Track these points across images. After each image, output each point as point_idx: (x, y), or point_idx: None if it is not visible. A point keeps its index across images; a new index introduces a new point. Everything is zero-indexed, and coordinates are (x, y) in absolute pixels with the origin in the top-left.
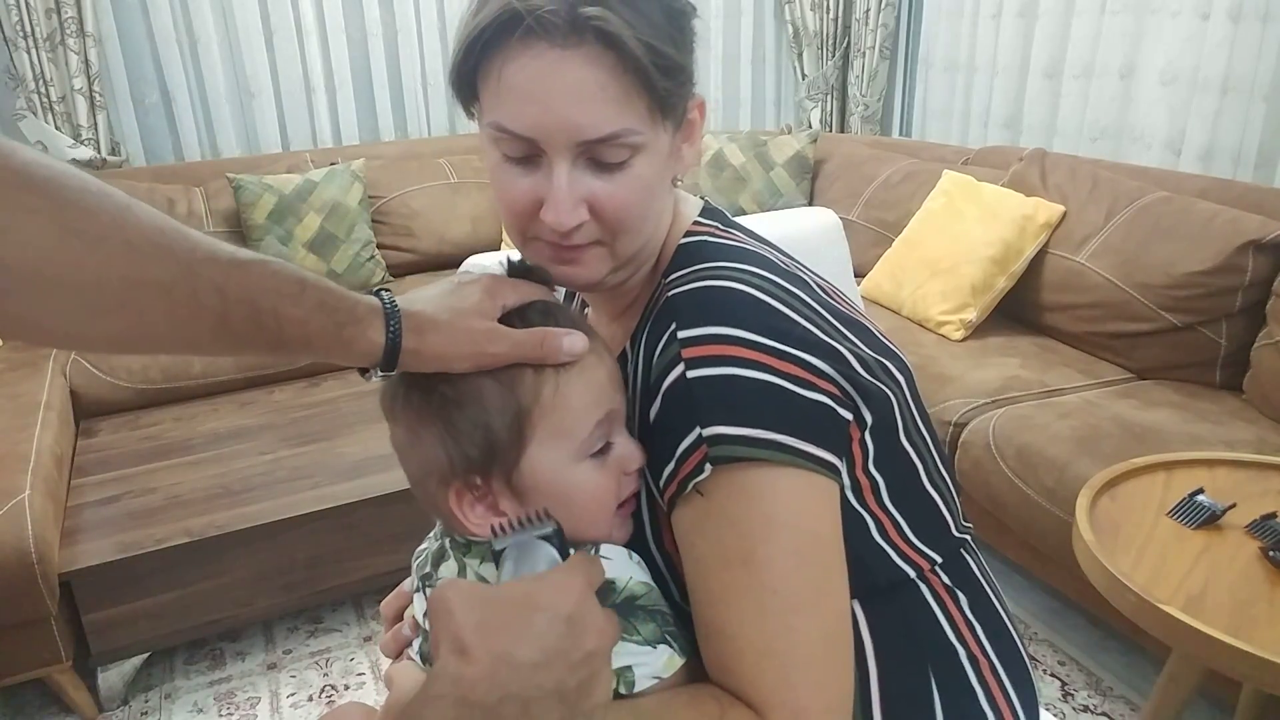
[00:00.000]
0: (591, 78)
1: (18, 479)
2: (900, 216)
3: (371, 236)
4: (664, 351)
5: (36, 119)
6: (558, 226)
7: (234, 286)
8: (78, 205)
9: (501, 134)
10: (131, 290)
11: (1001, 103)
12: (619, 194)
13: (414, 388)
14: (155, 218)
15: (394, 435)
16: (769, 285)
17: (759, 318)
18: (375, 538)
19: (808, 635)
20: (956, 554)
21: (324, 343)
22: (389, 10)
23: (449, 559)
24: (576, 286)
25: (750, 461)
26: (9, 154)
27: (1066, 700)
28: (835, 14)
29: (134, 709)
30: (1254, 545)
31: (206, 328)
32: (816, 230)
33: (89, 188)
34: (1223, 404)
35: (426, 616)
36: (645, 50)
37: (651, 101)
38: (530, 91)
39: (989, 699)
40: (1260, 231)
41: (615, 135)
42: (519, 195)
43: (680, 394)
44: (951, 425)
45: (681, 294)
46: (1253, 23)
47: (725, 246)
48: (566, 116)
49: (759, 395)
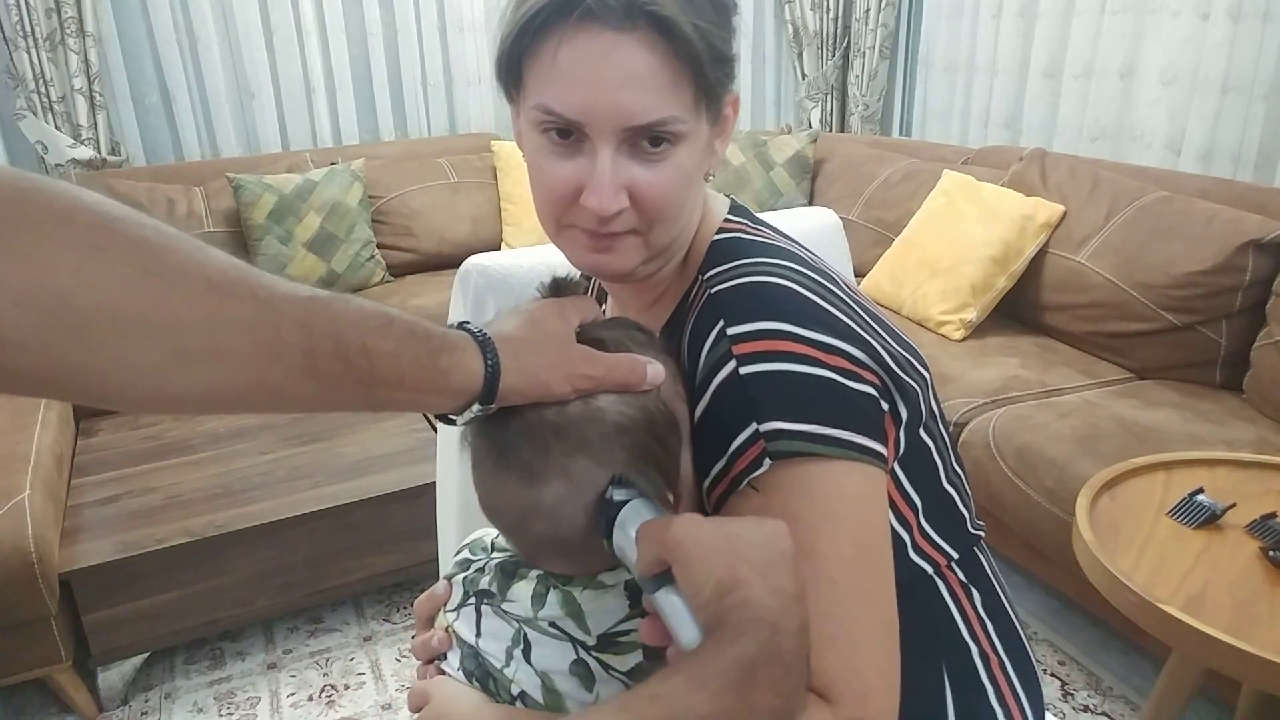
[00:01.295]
0: (644, 63)
1: (18, 479)
2: (900, 216)
3: (371, 236)
4: (713, 349)
5: (36, 119)
6: (599, 211)
7: (318, 321)
8: (153, 244)
9: (547, 116)
10: (216, 331)
11: (1001, 102)
12: (660, 182)
13: (521, 440)
14: (229, 257)
15: (510, 502)
16: (806, 280)
17: (804, 312)
18: (375, 537)
19: (868, 622)
20: (971, 551)
21: (418, 376)
22: (389, 10)
23: (527, 580)
24: (608, 276)
25: (809, 456)
26: (76, 194)
27: (1066, 700)
28: (835, 14)
29: (134, 709)
30: (1254, 545)
31: (295, 369)
32: (817, 230)
33: (162, 228)
34: (1223, 404)
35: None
36: (699, 38)
37: (698, 91)
38: (582, 74)
39: (998, 696)
40: (1260, 231)
41: (662, 122)
42: (559, 181)
43: (733, 391)
44: (952, 425)
45: (725, 290)
46: (1253, 22)
47: (760, 243)
48: (616, 101)
49: (813, 390)
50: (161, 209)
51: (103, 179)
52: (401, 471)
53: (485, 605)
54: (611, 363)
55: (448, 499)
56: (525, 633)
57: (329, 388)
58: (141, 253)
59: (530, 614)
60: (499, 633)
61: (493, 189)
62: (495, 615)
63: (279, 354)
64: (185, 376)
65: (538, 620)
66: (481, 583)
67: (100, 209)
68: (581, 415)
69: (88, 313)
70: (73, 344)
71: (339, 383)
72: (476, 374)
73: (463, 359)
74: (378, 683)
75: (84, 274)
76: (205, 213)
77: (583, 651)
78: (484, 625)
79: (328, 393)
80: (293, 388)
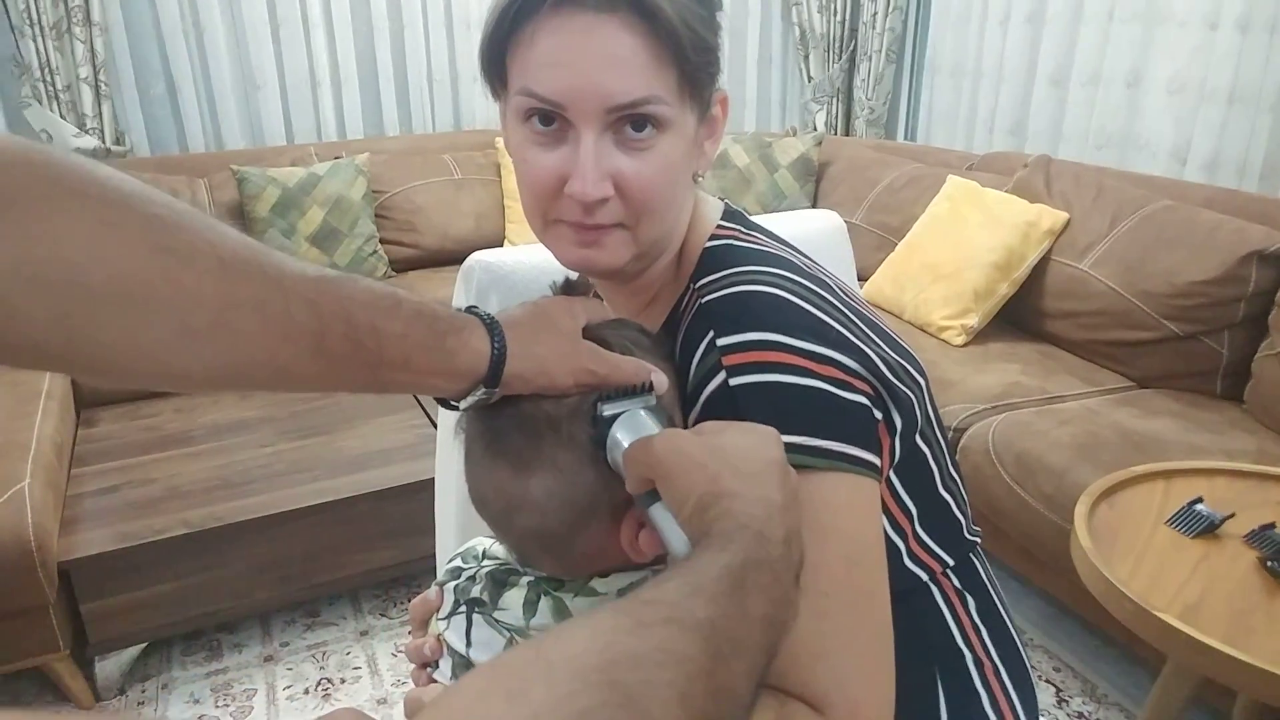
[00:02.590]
0: (625, 44)
1: (18, 467)
2: (904, 221)
3: (375, 231)
4: (703, 360)
5: (42, 107)
6: (583, 197)
7: (327, 301)
8: (164, 220)
9: (530, 100)
10: (226, 310)
11: (1007, 109)
12: (645, 172)
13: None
14: (241, 235)
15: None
16: (798, 288)
17: (795, 321)
18: (373, 532)
19: (860, 634)
20: (966, 558)
21: (425, 358)
22: (395, 4)
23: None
24: (597, 272)
25: (798, 469)
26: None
27: (1061, 707)
28: (842, 17)
29: (131, 698)
30: (1252, 555)
31: (304, 349)
32: (820, 233)
33: (174, 204)
34: (1223, 414)
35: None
36: (680, 20)
37: (681, 75)
38: (562, 57)
39: (993, 703)
40: (1264, 242)
41: (645, 100)
42: (543, 171)
43: (723, 403)
44: (951, 430)
45: (715, 300)
46: (1261, 33)
47: (751, 250)
48: (598, 81)
49: (803, 400)
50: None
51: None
52: (400, 467)
53: (477, 614)
54: (616, 362)
55: (446, 495)
56: (517, 643)
57: (336, 367)
58: (153, 229)
59: (522, 623)
60: (490, 642)
61: (496, 186)
62: (486, 624)
63: (288, 333)
64: (192, 353)
65: (529, 630)
66: (473, 591)
67: (111, 183)
68: (577, 410)
69: (98, 289)
70: (82, 319)
71: (346, 363)
72: (483, 356)
73: (470, 340)
74: (374, 677)
75: (95, 250)
76: (209, 204)
77: None
78: (474, 635)
79: (334, 372)
80: (300, 367)
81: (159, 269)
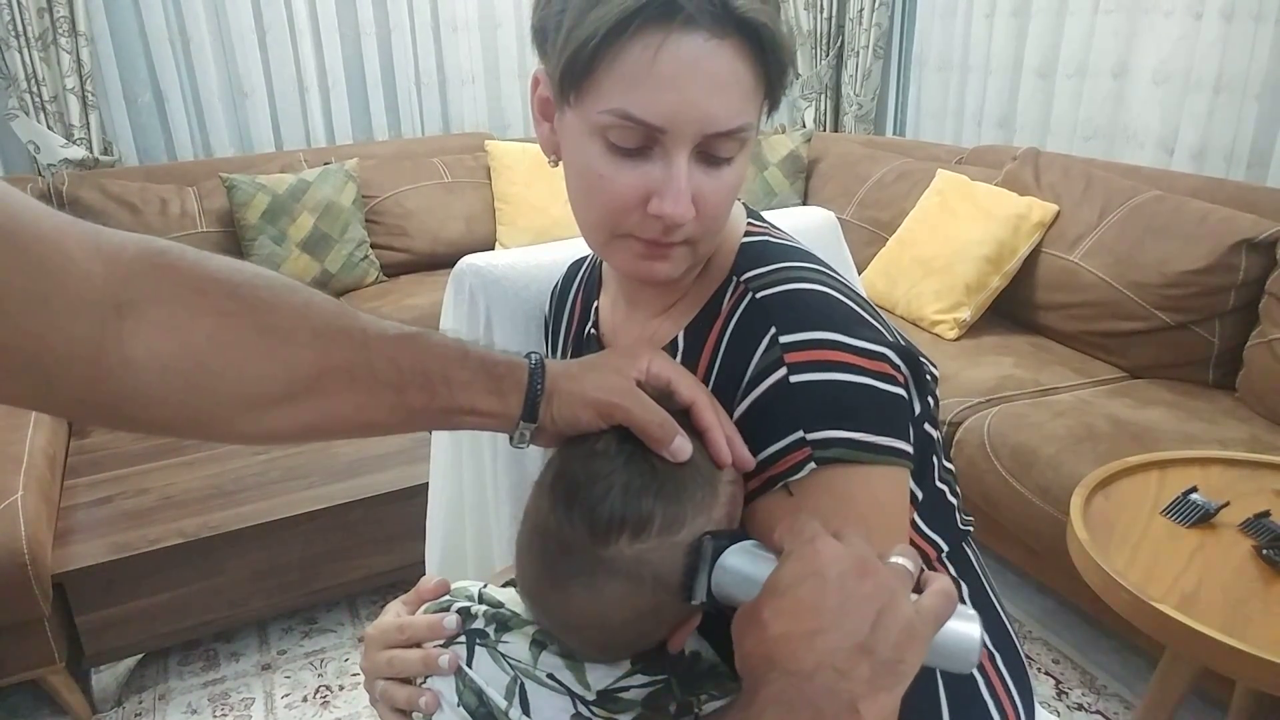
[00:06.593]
0: (730, 70)
1: (10, 480)
2: (894, 216)
3: (365, 236)
4: (766, 353)
5: (28, 118)
6: (674, 219)
7: (406, 357)
8: (267, 303)
9: (624, 122)
10: (320, 377)
11: (995, 102)
12: (720, 190)
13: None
14: (330, 302)
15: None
16: (840, 284)
17: (850, 319)
18: (370, 538)
19: None
20: (960, 545)
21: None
22: (382, 8)
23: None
24: (654, 282)
25: (849, 463)
26: (205, 263)
27: (1061, 698)
28: (829, 13)
29: (128, 710)
30: (1247, 543)
31: (385, 403)
32: (814, 230)
33: (273, 284)
34: (1216, 403)
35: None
36: (786, 49)
37: (767, 99)
38: (673, 79)
39: (989, 687)
40: (1253, 230)
41: (741, 129)
42: (625, 188)
43: (782, 396)
44: (946, 424)
45: (772, 296)
46: (1245, 22)
47: (789, 247)
48: (704, 107)
49: (858, 397)
50: (154, 209)
51: (95, 179)
52: (396, 472)
53: (479, 645)
54: (652, 410)
55: (438, 500)
56: (522, 683)
57: (414, 416)
58: (259, 312)
59: (530, 663)
60: (493, 679)
61: (487, 189)
62: (490, 658)
63: (373, 390)
64: (289, 416)
65: (536, 670)
66: (475, 623)
67: (223, 275)
68: (642, 558)
69: (218, 372)
70: (203, 399)
71: (424, 412)
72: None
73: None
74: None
75: (216, 338)
76: (198, 213)
77: (581, 706)
78: (476, 662)
79: (412, 420)
80: (382, 418)
81: (266, 348)
